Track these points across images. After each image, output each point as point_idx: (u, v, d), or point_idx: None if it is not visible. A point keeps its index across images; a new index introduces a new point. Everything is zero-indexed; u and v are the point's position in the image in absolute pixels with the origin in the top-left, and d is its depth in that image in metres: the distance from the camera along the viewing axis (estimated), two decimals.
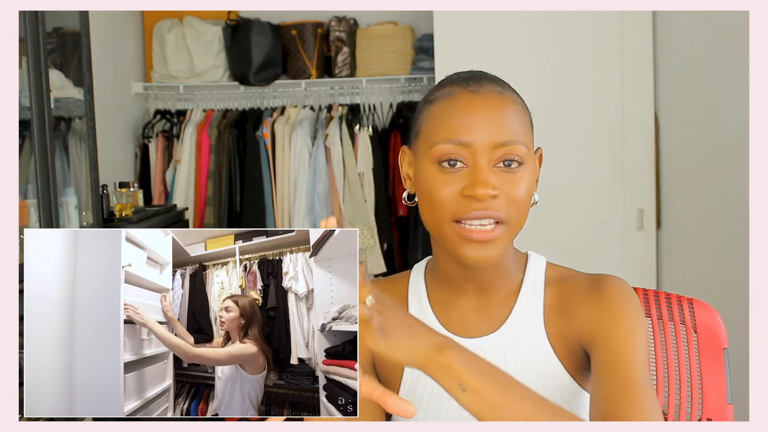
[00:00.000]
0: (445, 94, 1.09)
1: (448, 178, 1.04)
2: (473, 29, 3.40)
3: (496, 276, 1.12)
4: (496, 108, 1.05)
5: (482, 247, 1.04)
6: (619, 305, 1.07)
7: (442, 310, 1.15)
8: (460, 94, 1.07)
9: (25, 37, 2.37)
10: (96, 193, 2.90)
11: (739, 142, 2.62)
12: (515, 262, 1.15)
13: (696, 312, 1.25)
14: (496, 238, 1.04)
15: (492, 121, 1.04)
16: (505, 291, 1.14)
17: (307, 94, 4.08)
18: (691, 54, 3.13)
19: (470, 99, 1.06)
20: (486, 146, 1.04)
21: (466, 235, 1.03)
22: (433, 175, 1.05)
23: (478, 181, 1.02)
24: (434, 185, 1.05)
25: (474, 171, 1.03)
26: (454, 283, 1.14)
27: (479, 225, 1.03)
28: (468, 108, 1.05)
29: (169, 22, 4.04)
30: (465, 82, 1.08)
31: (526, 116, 1.10)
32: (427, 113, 1.10)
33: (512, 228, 1.06)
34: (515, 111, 1.07)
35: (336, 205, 3.91)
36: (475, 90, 1.07)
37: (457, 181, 1.04)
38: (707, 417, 1.22)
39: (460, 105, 1.06)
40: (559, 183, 3.38)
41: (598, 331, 1.05)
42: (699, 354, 1.23)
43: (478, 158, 1.04)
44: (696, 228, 3.13)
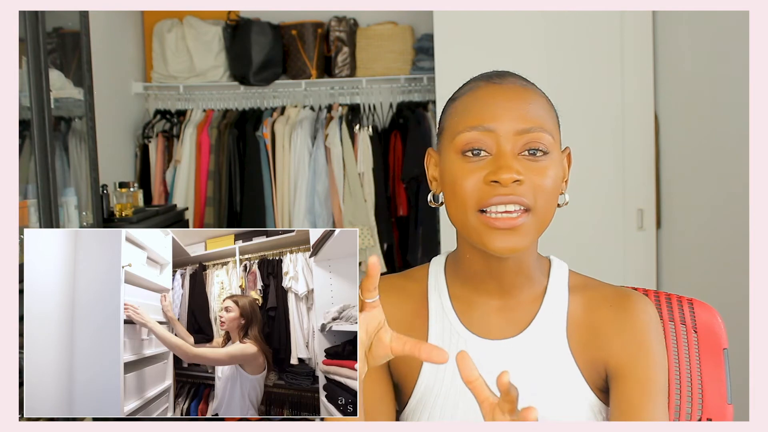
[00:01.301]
0: (467, 90, 1.09)
1: (471, 167, 1.03)
2: (473, 29, 3.40)
3: (520, 276, 1.10)
4: (518, 97, 1.05)
5: (508, 235, 1.01)
6: (647, 336, 1.07)
7: (463, 308, 1.12)
8: (483, 86, 1.07)
9: (25, 37, 2.37)
10: (96, 193, 2.90)
11: (739, 142, 2.62)
12: (539, 266, 1.13)
13: (696, 312, 1.25)
14: (521, 226, 1.02)
15: (515, 108, 1.04)
16: (529, 294, 1.11)
17: (307, 94, 4.08)
18: (691, 54, 3.13)
19: (493, 89, 1.06)
20: (510, 132, 1.03)
21: (491, 224, 1.01)
22: (456, 166, 1.04)
23: (501, 166, 1.01)
24: (458, 175, 1.04)
25: (498, 157, 1.02)
26: (476, 280, 1.11)
27: (504, 212, 1.01)
28: (491, 96, 1.05)
29: (169, 22, 4.05)
30: (488, 77, 1.09)
31: (552, 111, 1.10)
32: (450, 110, 1.09)
33: (539, 218, 1.03)
34: (539, 102, 1.07)
35: (336, 205, 3.91)
36: (498, 82, 1.07)
37: (481, 170, 1.03)
38: (707, 417, 1.22)
39: (482, 95, 1.06)
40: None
41: (624, 362, 1.06)
42: (699, 354, 1.23)
43: (502, 144, 1.02)
44: (696, 228, 3.13)
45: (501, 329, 1.11)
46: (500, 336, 1.11)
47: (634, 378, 1.05)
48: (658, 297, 1.28)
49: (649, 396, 1.04)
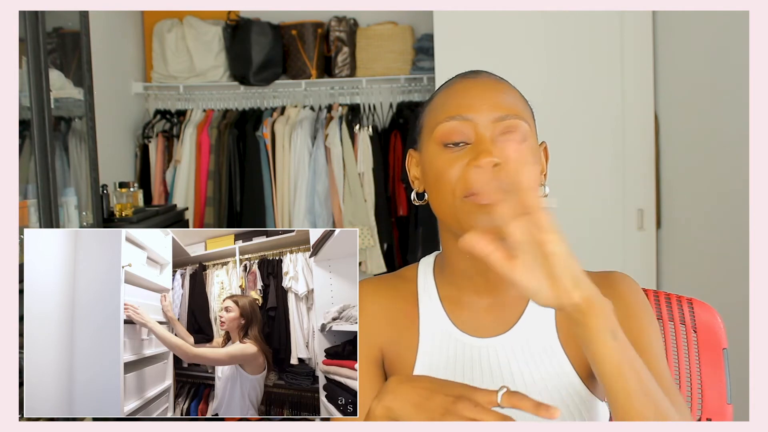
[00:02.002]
0: (443, 88, 1.13)
1: (453, 156, 1.06)
2: (473, 29, 3.40)
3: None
4: (493, 88, 1.09)
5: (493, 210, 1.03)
6: (636, 305, 1.09)
7: (453, 308, 1.14)
8: (458, 81, 1.12)
9: (25, 37, 2.37)
10: (96, 193, 2.90)
11: (739, 142, 2.62)
12: None
13: (696, 312, 1.25)
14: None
15: (490, 97, 1.07)
16: (516, 291, 1.13)
17: (307, 94, 4.08)
18: (691, 54, 3.13)
19: (468, 83, 1.10)
20: (487, 120, 1.06)
21: (477, 202, 1.03)
22: (439, 157, 1.07)
23: (481, 150, 1.04)
24: (441, 166, 1.06)
25: (477, 143, 1.05)
26: (463, 279, 1.13)
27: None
28: (466, 89, 1.09)
29: (169, 22, 4.04)
30: (463, 75, 1.13)
31: (527, 105, 1.12)
32: (427, 109, 1.13)
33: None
34: (514, 94, 1.11)
35: (336, 205, 3.91)
36: (472, 77, 1.11)
37: (463, 158, 1.05)
38: (707, 417, 1.22)
39: (458, 88, 1.10)
40: (559, 183, 3.38)
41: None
42: (699, 354, 1.23)
43: (481, 132, 1.05)
44: (696, 228, 3.13)
45: (491, 327, 1.12)
46: (491, 334, 1.12)
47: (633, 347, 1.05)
48: (658, 297, 1.28)
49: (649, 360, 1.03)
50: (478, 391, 0.90)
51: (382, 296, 1.16)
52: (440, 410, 0.89)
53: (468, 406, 0.88)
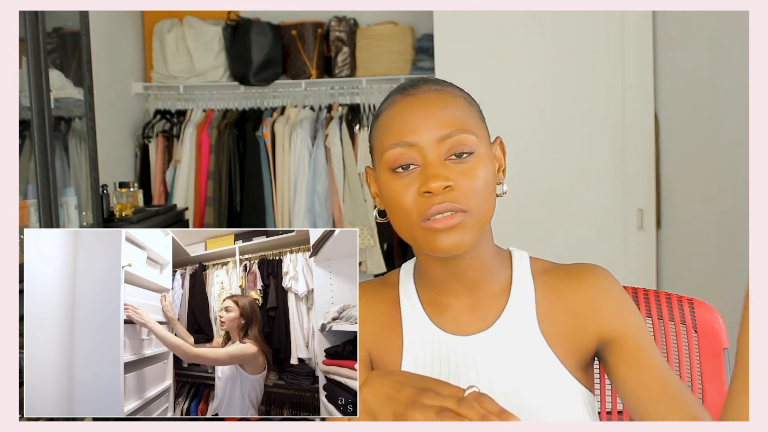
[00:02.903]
0: (386, 106, 1.12)
1: (404, 181, 1.06)
2: (473, 29, 3.40)
3: (482, 273, 1.13)
4: (433, 104, 1.07)
5: (450, 234, 1.04)
6: (618, 300, 1.11)
7: (433, 311, 1.15)
8: (399, 100, 1.10)
9: (25, 37, 2.37)
10: (96, 193, 2.90)
11: (739, 142, 2.62)
12: (499, 259, 1.16)
13: (696, 312, 1.25)
14: (460, 224, 1.04)
15: (431, 116, 1.06)
16: (495, 288, 1.14)
17: (307, 94, 4.08)
18: (691, 54, 3.13)
19: (408, 101, 1.08)
20: (431, 142, 1.05)
21: (434, 228, 1.04)
22: (390, 183, 1.07)
23: (429, 176, 1.03)
24: (394, 191, 1.06)
25: (425, 167, 1.05)
26: (441, 284, 1.14)
27: (441, 217, 1.04)
28: (406, 110, 1.08)
29: (169, 22, 4.04)
30: (404, 89, 1.11)
31: (472, 108, 1.11)
32: (375, 128, 1.12)
33: (476, 216, 1.05)
34: (456, 104, 1.09)
35: (336, 205, 3.91)
36: (413, 93, 1.09)
37: (413, 183, 1.05)
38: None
39: (399, 109, 1.08)
40: (559, 183, 3.38)
41: (610, 331, 1.09)
42: (699, 354, 1.23)
43: (427, 155, 1.05)
44: (696, 228, 3.13)
45: (472, 325, 1.13)
46: (472, 331, 1.13)
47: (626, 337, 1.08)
48: (658, 297, 1.28)
49: (645, 351, 1.07)
50: (446, 385, 0.92)
51: (365, 301, 1.17)
52: (406, 401, 0.91)
53: (431, 396, 0.89)
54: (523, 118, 3.38)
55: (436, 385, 0.92)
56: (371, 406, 0.94)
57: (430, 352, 1.13)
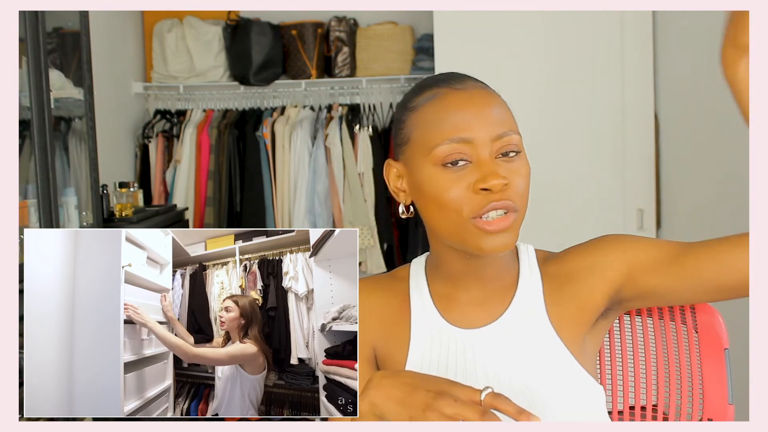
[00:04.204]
0: (429, 98, 1.09)
1: (455, 176, 1.05)
2: (473, 29, 3.40)
3: (497, 268, 1.14)
4: (487, 103, 1.08)
5: (499, 236, 1.05)
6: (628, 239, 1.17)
7: (443, 304, 1.15)
8: (447, 93, 1.08)
9: (25, 37, 2.37)
10: (96, 193, 2.90)
11: (739, 142, 2.62)
12: (511, 253, 1.18)
13: (696, 312, 1.25)
14: (511, 225, 1.05)
15: (487, 115, 1.06)
16: (504, 281, 1.15)
17: (307, 94, 4.08)
18: (691, 54, 3.13)
19: (460, 96, 1.08)
20: (486, 140, 1.05)
21: (486, 229, 1.04)
22: (438, 177, 1.06)
23: (489, 173, 1.04)
24: (443, 187, 1.05)
25: (482, 164, 1.05)
26: (456, 278, 1.14)
27: (496, 216, 1.04)
28: (461, 105, 1.07)
29: (169, 22, 4.04)
30: (447, 83, 1.10)
31: (509, 109, 1.13)
32: (414, 120, 1.10)
33: (521, 215, 1.08)
34: (501, 104, 1.10)
35: (336, 205, 3.91)
36: (461, 88, 1.09)
37: (465, 178, 1.05)
38: (708, 417, 1.22)
39: (451, 104, 1.07)
40: (559, 183, 3.38)
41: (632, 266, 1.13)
42: (700, 354, 1.23)
43: (481, 152, 1.05)
44: (696, 228, 3.13)
45: (481, 318, 1.14)
46: (481, 324, 1.14)
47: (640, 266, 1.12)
48: None
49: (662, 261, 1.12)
50: (460, 387, 0.91)
51: (373, 295, 1.18)
52: (421, 406, 0.90)
53: (449, 402, 0.89)
54: (523, 118, 3.35)
55: (450, 387, 0.91)
56: (381, 409, 0.93)
57: (438, 346, 1.13)
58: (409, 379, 0.94)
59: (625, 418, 1.28)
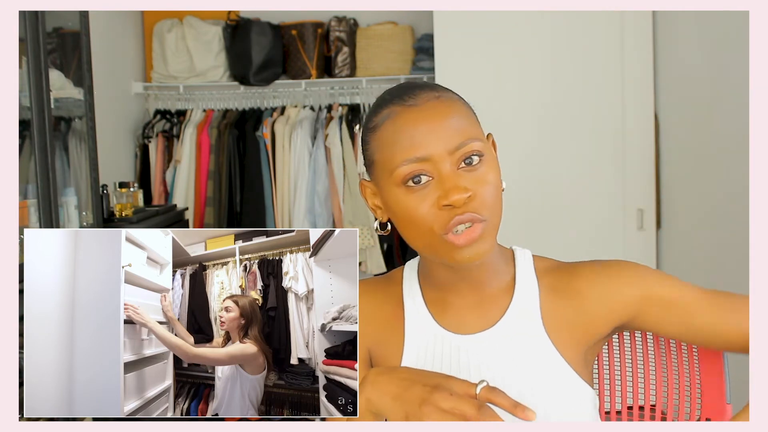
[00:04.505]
0: (385, 117, 1.08)
1: (419, 195, 1.04)
2: (473, 29, 3.40)
3: (487, 273, 1.13)
4: (439, 115, 1.05)
5: (470, 248, 1.04)
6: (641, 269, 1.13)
7: (437, 308, 1.15)
8: (401, 112, 1.07)
9: (25, 37, 2.37)
10: (96, 193, 2.90)
11: (739, 142, 2.62)
12: (503, 257, 1.16)
13: None
14: (481, 235, 1.04)
15: (440, 128, 1.04)
16: (499, 286, 1.15)
17: (307, 94, 4.08)
18: (691, 54, 3.13)
19: (412, 113, 1.06)
20: (444, 154, 1.03)
21: (455, 242, 1.03)
22: (403, 197, 1.05)
23: (449, 188, 1.02)
24: (409, 206, 1.04)
25: (442, 180, 1.03)
26: (447, 284, 1.14)
27: (464, 228, 1.03)
28: (413, 123, 1.05)
29: (169, 22, 4.04)
30: (401, 99, 1.08)
31: (469, 110, 1.10)
32: (375, 142, 1.09)
33: (493, 222, 1.06)
34: (458, 110, 1.08)
35: (336, 205, 3.91)
36: (413, 104, 1.07)
37: (429, 195, 1.04)
38: (706, 417, 1.22)
39: (404, 123, 1.06)
40: (559, 183, 3.38)
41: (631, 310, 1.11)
42: (698, 354, 1.24)
43: (441, 167, 1.03)
44: (696, 228, 3.13)
45: (476, 324, 1.14)
46: (476, 330, 1.13)
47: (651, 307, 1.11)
48: None
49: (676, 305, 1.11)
50: (456, 381, 0.92)
51: (367, 299, 1.17)
52: (417, 401, 0.91)
53: (445, 396, 0.89)
54: (522, 118, 3.38)
55: (445, 381, 0.92)
56: (377, 405, 0.94)
57: (432, 351, 1.13)
58: (405, 374, 0.95)
59: (623, 417, 1.28)
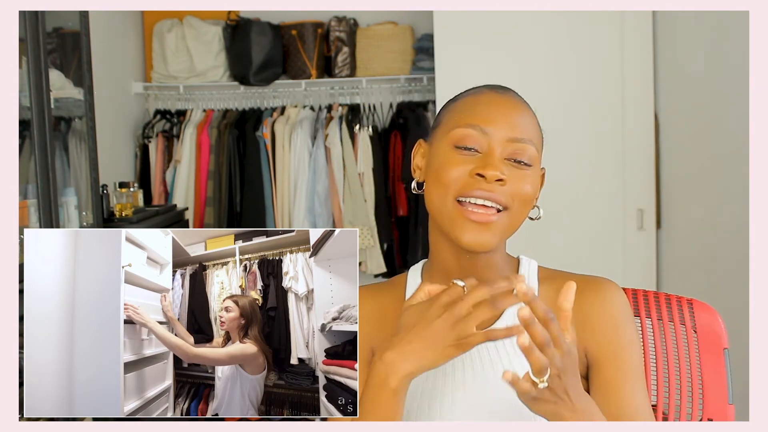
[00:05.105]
0: (471, 93, 1.16)
1: (461, 158, 1.09)
2: (473, 29, 3.40)
3: (491, 272, 1.14)
4: (517, 109, 1.13)
5: (479, 230, 1.07)
6: (620, 320, 1.12)
7: None
8: (486, 93, 1.15)
9: (25, 37, 2.37)
10: (96, 193, 2.90)
11: (739, 142, 2.62)
12: (509, 264, 1.18)
13: (696, 312, 1.25)
14: (494, 223, 1.07)
15: (511, 117, 1.11)
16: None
17: (307, 94, 4.08)
18: (691, 54, 3.13)
19: (495, 97, 1.13)
20: (503, 139, 1.09)
21: (466, 215, 1.07)
22: (447, 155, 1.10)
23: (489, 163, 1.07)
24: (446, 164, 1.09)
25: (487, 156, 1.08)
26: (449, 277, 1.13)
27: (482, 207, 1.06)
28: (493, 103, 1.12)
29: (169, 22, 4.04)
30: (492, 88, 1.16)
31: (540, 132, 1.16)
32: (450, 108, 1.16)
33: (511, 219, 1.09)
34: (532, 119, 1.14)
35: (336, 205, 3.91)
36: (502, 92, 1.15)
37: (469, 163, 1.08)
38: (708, 417, 1.22)
39: (486, 99, 1.13)
40: (560, 183, 3.38)
41: (601, 346, 1.11)
42: (699, 354, 1.23)
43: (493, 146, 1.09)
44: (696, 228, 3.13)
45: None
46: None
47: (611, 361, 1.10)
48: (658, 297, 1.28)
49: (626, 378, 1.09)
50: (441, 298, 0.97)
51: (371, 300, 1.18)
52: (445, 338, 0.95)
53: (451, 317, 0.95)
54: None
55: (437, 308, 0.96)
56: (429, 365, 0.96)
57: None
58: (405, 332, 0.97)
59: None
